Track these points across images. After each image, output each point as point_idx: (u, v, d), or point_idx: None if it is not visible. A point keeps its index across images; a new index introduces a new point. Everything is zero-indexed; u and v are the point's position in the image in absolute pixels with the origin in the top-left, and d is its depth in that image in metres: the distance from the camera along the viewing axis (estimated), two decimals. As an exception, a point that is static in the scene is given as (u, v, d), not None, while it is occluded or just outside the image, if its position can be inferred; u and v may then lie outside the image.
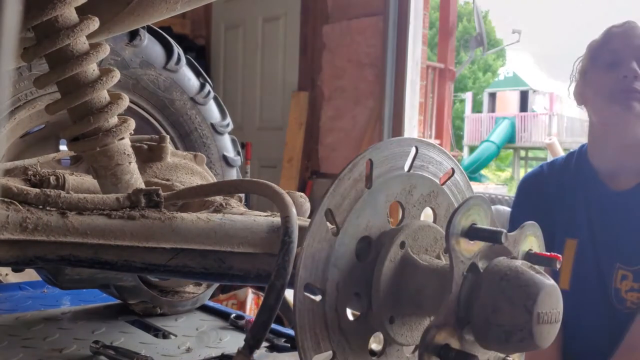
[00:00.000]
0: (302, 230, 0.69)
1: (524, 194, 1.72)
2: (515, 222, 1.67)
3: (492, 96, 21.23)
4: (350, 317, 0.71)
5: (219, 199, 0.93)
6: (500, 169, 21.62)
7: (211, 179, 1.12)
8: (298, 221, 0.73)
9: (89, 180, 0.96)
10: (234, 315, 1.32)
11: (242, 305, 3.18)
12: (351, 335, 0.68)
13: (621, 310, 1.53)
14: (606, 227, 1.54)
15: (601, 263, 1.56)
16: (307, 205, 0.96)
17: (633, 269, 1.52)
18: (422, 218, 0.75)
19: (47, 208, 0.75)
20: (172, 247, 0.78)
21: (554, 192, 1.64)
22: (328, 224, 0.65)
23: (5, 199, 0.73)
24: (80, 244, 0.75)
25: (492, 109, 20.69)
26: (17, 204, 0.73)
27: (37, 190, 0.75)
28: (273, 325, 1.17)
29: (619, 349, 1.49)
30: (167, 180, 1.03)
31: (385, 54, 4.22)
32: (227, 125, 1.40)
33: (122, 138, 0.90)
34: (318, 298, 0.69)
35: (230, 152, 1.40)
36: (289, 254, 0.68)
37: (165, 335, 1.21)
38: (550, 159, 2.73)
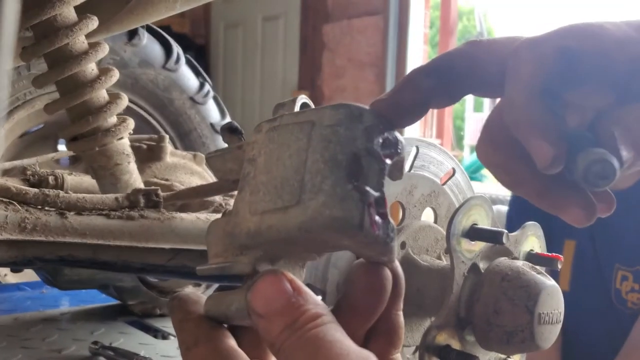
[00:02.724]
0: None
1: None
2: (512, 223, 1.67)
3: (493, 96, 21.14)
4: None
5: (218, 199, 0.93)
6: (500, 168, 21.52)
7: (210, 179, 1.12)
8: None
9: (87, 180, 0.95)
10: (233, 315, 1.31)
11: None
12: (351, 336, 0.68)
13: (622, 311, 1.52)
14: (605, 227, 1.53)
15: (601, 264, 1.55)
16: None
17: (633, 270, 1.51)
18: (422, 218, 0.75)
19: (46, 208, 0.74)
20: (172, 248, 0.78)
21: None
22: (328, 224, 0.65)
23: (4, 199, 0.72)
24: (79, 244, 0.74)
25: (493, 108, 20.62)
26: (16, 203, 0.73)
27: (36, 190, 0.75)
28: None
29: (622, 350, 1.48)
30: (167, 180, 1.03)
31: (386, 53, 4.21)
32: (227, 124, 1.39)
33: (121, 138, 0.89)
34: (318, 298, 0.68)
35: (229, 152, 1.39)
36: None
37: (164, 336, 1.20)
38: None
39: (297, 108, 0.40)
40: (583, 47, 0.38)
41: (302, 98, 0.41)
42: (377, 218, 0.35)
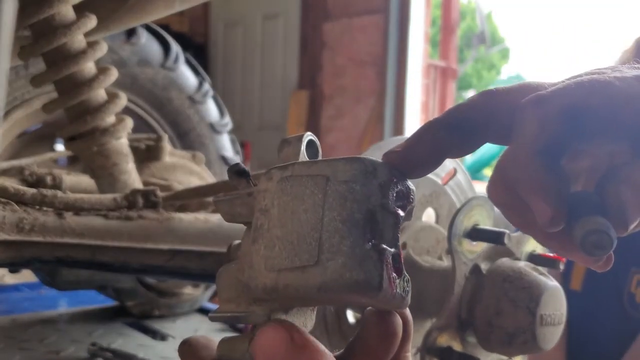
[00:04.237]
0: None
1: None
2: None
3: (494, 95, 21.12)
4: (351, 320, 0.70)
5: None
6: (501, 168, 21.44)
7: (210, 179, 1.11)
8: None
9: (85, 180, 0.95)
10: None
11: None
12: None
13: (634, 316, 1.51)
14: None
15: (616, 266, 1.53)
16: None
17: None
18: (423, 219, 0.74)
19: (44, 208, 0.74)
20: (170, 248, 0.77)
21: None
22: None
23: (2, 199, 0.72)
24: (77, 245, 0.74)
25: (494, 107, 20.60)
26: (14, 204, 0.72)
27: (34, 190, 0.74)
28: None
29: (627, 353, 1.47)
30: (165, 180, 1.02)
31: (387, 52, 4.20)
32: (226, 124, 1.39)
33: (120, 137, 0.89)
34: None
35: (229, 152, 1.39)
36: None
37: (163, 337, 1.20)
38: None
39: (303, 145, 0.40)
40: (590, 104, 0.39)
41: (309, 135, 0.41)
42: (393, 275, 0.36)
